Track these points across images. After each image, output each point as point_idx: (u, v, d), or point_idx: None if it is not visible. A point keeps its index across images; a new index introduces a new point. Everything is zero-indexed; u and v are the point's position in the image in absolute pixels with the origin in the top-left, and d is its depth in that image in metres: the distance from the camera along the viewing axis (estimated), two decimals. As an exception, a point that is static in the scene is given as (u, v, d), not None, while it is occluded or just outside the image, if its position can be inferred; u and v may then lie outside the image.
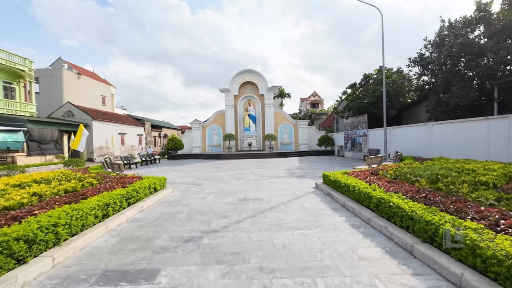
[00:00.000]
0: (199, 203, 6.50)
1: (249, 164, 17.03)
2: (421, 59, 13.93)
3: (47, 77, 33.39)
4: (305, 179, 10.01)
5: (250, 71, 28.39)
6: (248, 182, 9.67)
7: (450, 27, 12.83)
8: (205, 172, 13.20)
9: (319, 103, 66.17)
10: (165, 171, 14.49)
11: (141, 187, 6.28)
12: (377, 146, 17.77)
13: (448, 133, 11.33)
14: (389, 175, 6.53)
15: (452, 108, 12.52)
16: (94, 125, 27.66)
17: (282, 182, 9.48)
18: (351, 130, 21.78)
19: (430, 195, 4.40)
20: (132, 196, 5.82)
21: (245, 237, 4.12)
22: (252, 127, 28.17)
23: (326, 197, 6.85)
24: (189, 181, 10.20)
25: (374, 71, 18.82)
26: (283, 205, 6.06)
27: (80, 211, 4.09)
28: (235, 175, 11.66)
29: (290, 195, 7.17)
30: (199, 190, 8.19)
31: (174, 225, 4.79)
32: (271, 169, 13.81)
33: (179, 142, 26.41)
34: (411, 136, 14.21)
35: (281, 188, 8.28)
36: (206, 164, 18.45)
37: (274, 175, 11.49)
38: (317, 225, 4.62)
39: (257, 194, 7.33)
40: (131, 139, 34.87)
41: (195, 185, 9.19)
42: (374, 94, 17.56)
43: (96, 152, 27.93)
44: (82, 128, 13.58)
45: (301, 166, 15.08)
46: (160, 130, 45.66)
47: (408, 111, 19.44)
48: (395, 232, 3.82)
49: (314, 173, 11.73)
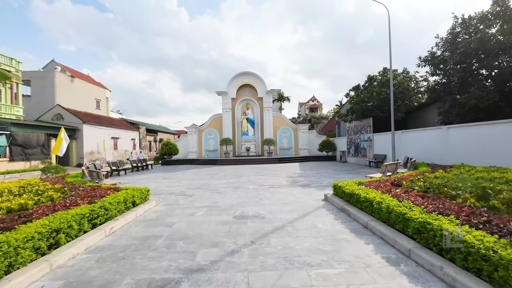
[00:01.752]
0: (185, 222, 5.27)
1: (247, 171, 15.81)
2: (432, 58, 12.94)
3: (39, 79, 32.17)
4: (310, 189, 8.81)
5: (249, 73, 27.36)
6: (246, 192, 8.45)
7: (463, 23, 11.89)
8: (199, 180, 11.96)
9: (318, 107, 65.40)
10: (155, 178, 13.23)
11: (113, 202, 5.04)
12: (384, 151, 16.66)
13: (468, 138, 10.24)
14: (417, 187, 5.36)
15: (468, 111, 11.48)
16: (85, 128, 26.39)
17: (285, 192, 8.27)
18: (355, 134, 20.70)
19: (495, 219, 3.23)
20: (99, 215, 4.58)
21: (241, 282, 2.90)
22: (250, 131, 27.01)
23: (340, 213, 5.66)
24: (179, 191, 8.95)
25: (379, 72, 17.85)
26: (290, 226, 4.85)
27: (5, 245, 2.86)
28: (231, 184, 10.44)
29: (296, 210, 5.97)
30: (188, 204, 6.95)
31: (146, 259, 3.55)
32: (271, 177, 12.61)
33: (174, 147, 25.14)
34: (422, 141, 13.12)
35: (284, 200, 7.07)
36: (201, 170, 17.19)
37: (275, 183, 10.29)
38: (340, 259, 3.41)
39: (256, 210, 6.12)
40: (125, 144, 33.52)
41: (184, 197, 7.95)
42: (380, 97, 16.53)
43: (87, 157, 26.57)
44: (62, 131, 12.34)
45: (303, 173, 13.90)
46: (156, 134, 44.34)
47: (414, 115, 18.42)
48: (460, 278, 2.63)
49: (319, 182, 10.55)
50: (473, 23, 11.61)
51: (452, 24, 12.37)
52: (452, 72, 11.91)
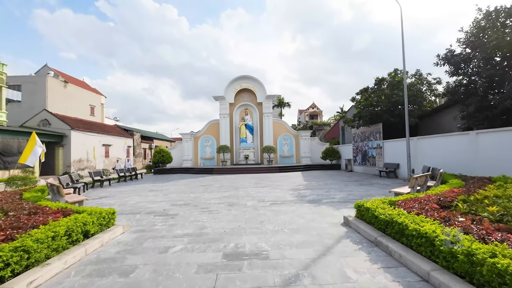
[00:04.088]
0: (151, 266, 3.62)
1: (245, 181, 14.16)
2: (452, 56, 11.56)
3: (30, 84, 30.75)
4: (322, 207, 7.17)
5: (247, 77, 26.02)
6: (243, 212, 6.80)
7: (488, 15, 10.55)
8: (189, 194, 10.29)
9: (318, 114, 64.23)
10: (140, 190, 11.55)
11: (43, 238, 3.40)
12: (396, 159, 15.11)
13: (504, 144, 8.72)
14: (486, 214, 3.76)
15: (498, 113, 10.01)
16: (73, 135, 24.79)
17: (292, 212, 6.63)
18: (362, 141, 19.17)
19: None
20: (10, 263, 2.94)
21: None
22: (249, 138, 25.44)
23: (374, 249, 4.02)
24: (161, 209, 7.29)
25: (389, 74, 16.47)
26: (307, 275, 3.22)
27: None
28: (226, 199, 8.79)
29: (311, 243, 4.33)
30: (166, 230, 5.29)
31: None
32: (272, 189, 10.96)
33: (167, 154, 23.48)
34: (442, 148, 11.57)
35: (292, 225, 5.43)
36: (194, 180, 15.52)
37: (278, 198, 8.65)
38: None
39: (256, 242, 4.48)
40: (117, 151, 31.87)
41: (165, 218, 6.29)
42: (391, 100, 15.09)
43: (74, 165, 24.89)
44: (34, 137, 10.73)
45: (308, 185, 12.26)
46: (151, 141, 42.72)
47: (427, 120, 16.96)
48: None
49: (329, 196, 8.92)
50: (501, 16, 10.27)
51: (475, 17, 11.03)
52: (479, 70, 10.48)
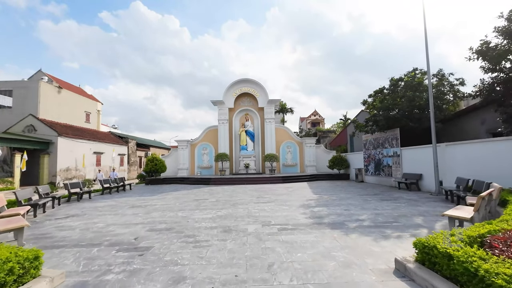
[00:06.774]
0: None
1: (246, 195, 12.22)
2: (488, 49, 9.89)
3: (22, 89, 29.16)
4: (353, 237, 5.23)
5: (248, 80, 24.42)
6: (243, 245, 4.89)
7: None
8: (176, 211, 8.37)
9: (320, 122, 62.71)
10: (119, 207, 9.63)
11: None
12: (417, 169, 13.21)
13: None
14: None
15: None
16: (60, 142, 23.00)
17: (312, 247, 4.70)
18: (375, 149, 17.31)
19: None
20: None
21: None
22: (249, 145, 23.59)
23: None
24: (131, 238, 5.39)
25: (407, 75, 14.76)
26: None
27: None
28: (220, 221, 6.87)
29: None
30: (122, 283, 3.40)
31: None
32: (278, 205, 9.04)
33: (161, 163, 21.59)
34: (481, 156, 9.70)
35: (319, 275, 3.51)
36: (188, 193, 13.58)
37: (288, 221, 6.72)
38: None
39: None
40: (110, 160, 29.97)
41: (129, 257, 4.38)
42: (412, 103, 13.35)
43: (61, 175, 23.00)
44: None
45: (320, 199, 10.34)
46: (148, 149, 40.91)
47: (449, 124, 15.16)
48: None
49: (353, 217, 6.98)
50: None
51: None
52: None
